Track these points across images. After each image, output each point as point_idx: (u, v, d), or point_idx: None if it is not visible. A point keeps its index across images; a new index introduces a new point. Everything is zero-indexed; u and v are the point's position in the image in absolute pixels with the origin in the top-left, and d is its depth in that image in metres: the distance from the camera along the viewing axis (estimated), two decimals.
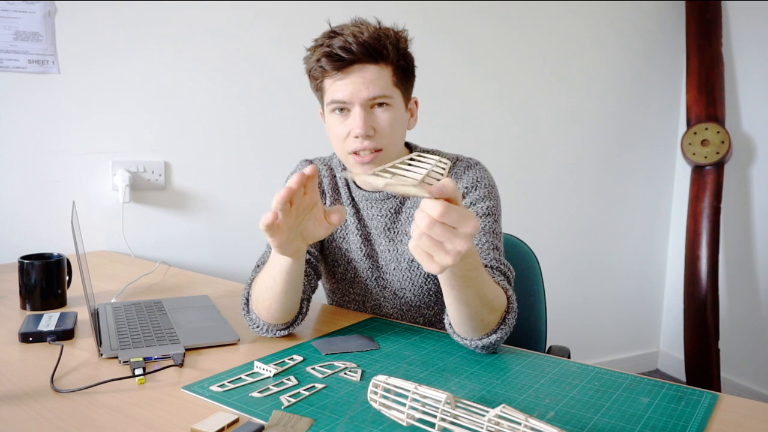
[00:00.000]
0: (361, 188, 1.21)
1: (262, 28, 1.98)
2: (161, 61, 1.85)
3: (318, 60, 1.07)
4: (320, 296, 1.32)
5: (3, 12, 1.64)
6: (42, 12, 1.68)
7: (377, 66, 1.07)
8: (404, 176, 0.73)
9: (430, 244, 0.72)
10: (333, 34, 1.07)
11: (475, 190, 1.14)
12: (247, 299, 1.06)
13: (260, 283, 1.01)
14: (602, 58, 2.67)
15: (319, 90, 1.13)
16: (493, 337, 0.95)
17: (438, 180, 0.75)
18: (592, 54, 2.65)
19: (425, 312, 1.23)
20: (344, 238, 1.22)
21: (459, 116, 2.38)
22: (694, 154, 2.65)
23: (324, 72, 1.08)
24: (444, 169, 0.77)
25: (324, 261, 1.27)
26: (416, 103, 1.19)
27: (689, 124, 2.67)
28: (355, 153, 1.09)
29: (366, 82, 1.06)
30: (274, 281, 0.97)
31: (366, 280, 1.23)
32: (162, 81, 1.86)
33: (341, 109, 1.09)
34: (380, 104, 1.08)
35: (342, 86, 1.07)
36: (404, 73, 1.12)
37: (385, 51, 1.07)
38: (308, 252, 1.16)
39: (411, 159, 0.78)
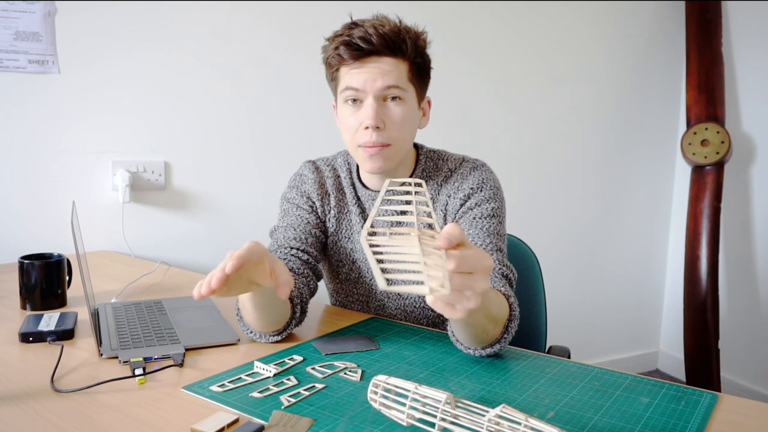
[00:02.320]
0: (367, 187, 1.21)
1: (262, 28, 1.98)
2: (161, 61, 1.85)
3: (336, 48, 1.07)
4: (323, 297, 1.32)
5: (3, 12, 1.64)
6: (42, 12, 1.68)
7: (394, 59, 1.07)
8: (402, 246, 0.68)
9: (450, 296, 0.69)
10: (353, 25, 1.08)
11: (481, 191, 1.14)
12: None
13: (239, 298, 1.00)
14: (602, 58, 2.67)
15: (334, 80, 1.13)
16: (497, 346, 0.95)
17: (426, 209, 0.74)
18: (592, 54, 2.65)
19: (429, 313, 1.23)
20: (349, 238, 1.22)
21: (458, 116, 2.38)
22: (694, 154, 2.65)
23: (341, 60, 1.08)
24: (424, 192, 0.76)
25: (328, 261, 1.27)
26: (429, 103, 1.20)
27: (689, 124, 2.67)
28: (364, 146, 1.09)
29: (381, 73, 1.06)
30: (243, 302, 0.97)
31: (370, 280, 1.23)
32: (162, 81, 1.86)
33: (354, 100, 1.09)
34: (393, 98, 1.09)
35: (357, 74, 1.07)
36: (420, 70, 1.12)
37: (404, 45, 1.07)
38: (308, 253, 1.16)
39: (387, 193, 0.76)
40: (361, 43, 1.05)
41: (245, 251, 0.80)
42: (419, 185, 0.78)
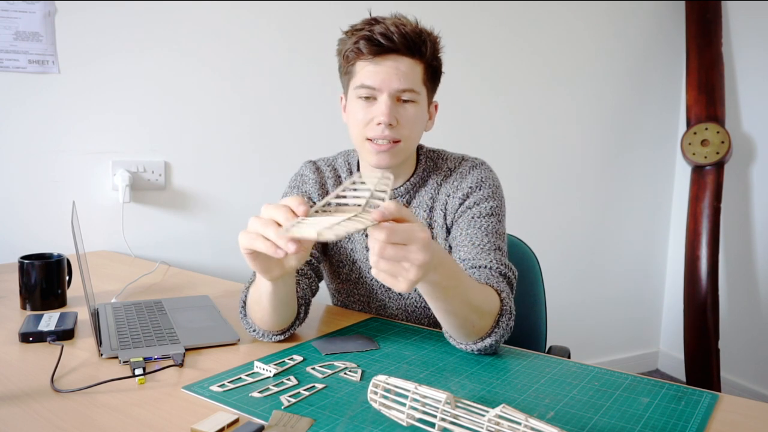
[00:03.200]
0: None
1: (262, 28, 1.98)
2: (161, 61, 1.85)
3: (356, 42, 1.07)
4: (324, 297, 1.32)
5: (3, 12, 1.64)
6: (42, 12, 1.68)
7: (412, 60, 1.08)
8: (341, 213, 0.73)
9: (388, 267, 0.74)
10: (374, 21, 1.08)
11: (480, 189, 1.14)
12: (245, 302, 1.05)
13: (252, 294, 1.01)
14: (602, 58, 2.67)
15: (348, 73, 1.12)
16: (488, 340, 0.95)
17: (382, 195, 0.77)
18: (592, 54, 2.65)
19: (430, 313, 1.22)
20: (349, 239, 1.22)
21: (458, 116, 2.38)
22: (694, 154, 2.65)
23: (359, 55, 1.08)
24: (387, 185, 0.78)
25: (328, 262, 1.27)
26: (436, 107, 1.20)
27: (689, 124, 2.67)
28: (371, 140, 1.09)
29: (399, 74, 1.07)
30: (260, 298, 0.96)
31: (371, 280, 1.23)
32: (162, 81, 1.86)
33: (367, 97, 1.09)
34: (407, 99, 1.09)
35: (374, 72, 1.07)
36: (434, 74, 1.14)
37: (424, 48, 1.08)
38: (309, 254, 1.16)
39: (353, 183, 0.79)
40: (381, 40, 1.05)
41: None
42: (387, 178, 0.80)
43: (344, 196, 0.78)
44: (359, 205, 0.76)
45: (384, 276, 0.75)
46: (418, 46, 1.07)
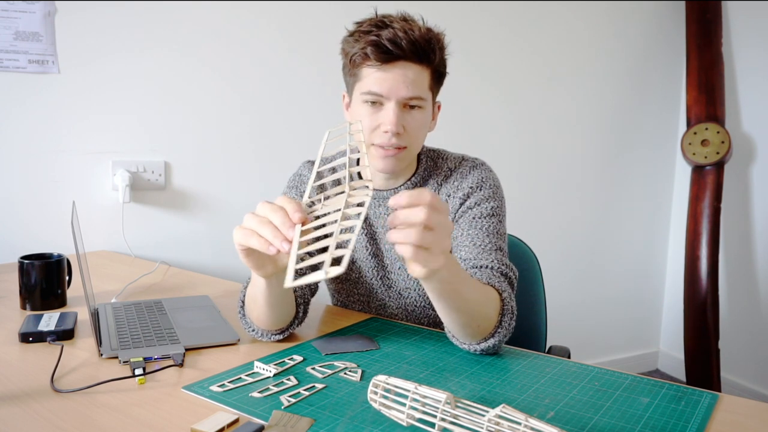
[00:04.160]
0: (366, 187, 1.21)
1: (263, 28, 1.98)
2: (161, 61, 1.85)
3: (363, 48, 1.05)
4: (323, 296, 1.32)
5: (3, 12, 1.64)
6: (42, 12, 1.68)
7: (420, 66, 1.07)
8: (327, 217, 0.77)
9: (421, 256, 0.73)
10: (381, 24, 1.06)
11: (480, 190, 1.14)
12: (243, 302, 1.05)
13: (249, 292, 1.00)
14: (602, 58, 2.67)
15: (353, 75, 1.11)
16: (491, 341, 0.95)
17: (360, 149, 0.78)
18: (592, 54, 2.65)
19: (430, 312, 1.23)
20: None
21: (458, 116, 2.38)
22: (694, 154, 2.65)
23: (365, 60, 1.06)
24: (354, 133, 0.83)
25: None
26: (439, 107, 1.20)
27: (689, 124, 2.67)
28: (377, 145, 1.09)
29: (407, 81, 1.06)
30: (256, 296, 0.96)
31: (371, 279, 1.23)
32: (162, 81, 1.86)
33: (374, 102, 1.08)
34: (413, 106, 1.09)
35: (381, 79, 1.06)
36: (440, 78, 1.13)
37: (432, 54, 1.07)
38: (308, 253, 1.16)
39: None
40: (390, 47, 1.03)
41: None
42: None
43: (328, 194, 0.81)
44: (343, 192, 0.78)
45: (413, 252, 0.72)
46: (426, 53, 1.06)
